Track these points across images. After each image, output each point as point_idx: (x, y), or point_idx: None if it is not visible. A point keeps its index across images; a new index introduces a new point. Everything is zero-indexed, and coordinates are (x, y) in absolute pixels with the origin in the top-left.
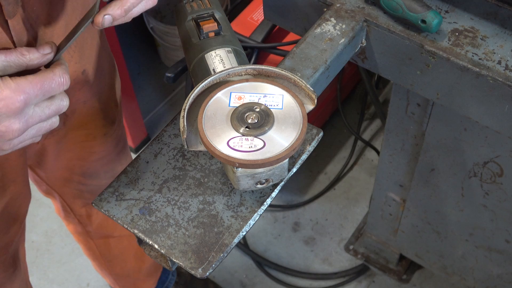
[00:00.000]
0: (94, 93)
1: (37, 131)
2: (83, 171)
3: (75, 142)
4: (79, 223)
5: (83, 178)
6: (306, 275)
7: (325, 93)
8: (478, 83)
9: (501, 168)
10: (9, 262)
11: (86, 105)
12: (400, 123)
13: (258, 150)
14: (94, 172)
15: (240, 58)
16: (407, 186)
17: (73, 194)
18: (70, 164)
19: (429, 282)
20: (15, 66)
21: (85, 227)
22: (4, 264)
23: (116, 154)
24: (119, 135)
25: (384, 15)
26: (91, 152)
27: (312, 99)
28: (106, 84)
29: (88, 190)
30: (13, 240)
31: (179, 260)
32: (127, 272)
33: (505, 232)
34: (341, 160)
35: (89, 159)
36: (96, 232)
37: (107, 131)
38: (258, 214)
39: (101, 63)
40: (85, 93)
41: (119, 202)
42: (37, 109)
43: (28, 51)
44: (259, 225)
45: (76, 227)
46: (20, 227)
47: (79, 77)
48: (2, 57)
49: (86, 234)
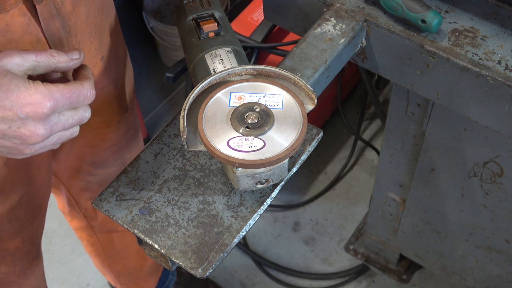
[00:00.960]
0: (111, 80)
1: (58, 138)
2: (93, 160)
3: (89, 129)
4: (84, 218)
5: (92, 168)
6: (306, 275)
7: (325, 93)
8: (478, 83)
9: (501, 168)
10: (34, 253)
11: (103, 92)
12: (400, 123)
13: (258, 150)
14: (104, 160)
15: (240, 58)
16: (407, 186)
17: (80, 187)
18: (81, 152)
19: (429, 282)
20: (44, 66)
21: (89, 222)
22: (30, 256)
23: (125, 141)
24: (131, 123)
25: (384, 15)
26: (104, 140)
27: (312, 99)
28: (121, 71)
29: (96, 181)
30: (38, 230)
31: (179, 260)
32: (128, 270)
33: (505, 232)
34: (341, 160)
35: (100, 146)
36: (100, 227)
37: (120, 118)
38: (258, 214)
39: (117, 50)
40: (102, 79)
41: (119, 202)
42: (61, 117)
43: (58, 53)
44: (259, 225)
45: (80, 222)
46: (43, 218)
47: (98, 63)
48: (33, 56)
49: (90, 229)
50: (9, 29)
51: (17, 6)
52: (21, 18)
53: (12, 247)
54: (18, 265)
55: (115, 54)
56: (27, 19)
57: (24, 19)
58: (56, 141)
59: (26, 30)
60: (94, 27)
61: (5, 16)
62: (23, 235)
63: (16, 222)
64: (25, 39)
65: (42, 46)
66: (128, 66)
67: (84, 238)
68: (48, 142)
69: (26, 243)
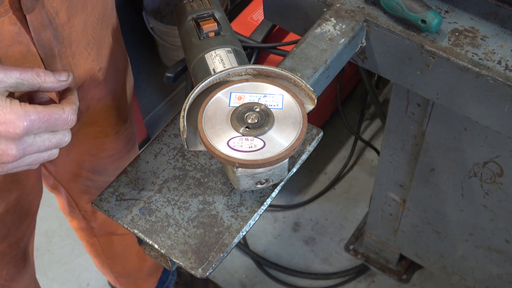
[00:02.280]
0: (109, 91)
1: (33, 160)
2: (93, 167)
3: (87, 138)
4: (83, 219)
5: (92, 174)
6: (306, 275)
7: (325, 93)
8: (478, 83)
9: (501, 168)
10: (20, 257)
11: (100, 103)
12: (400, 123)
13: (258, 150)
14: (103, 169)
15: (240, 58)
16: (407, 186)
17: (80, 190)
18: (80, 159)
19: (429, 282)
20: (28, 85)
21: (89, 223)
22: (16, 259)
23: (126, 152)
24: (130, 134)
25: (384, 15)
26: (102, 149)
27: (312, 99)
28: (120, 82)
29: (95, 186)
30: (24, 235)
31: (179, 260)
32: (128, 271)
33: (505, 232)
34: (341, 160)
35: (99, 155)
36: (100, 229)
37: (119, 129)
38: (258, 214)
39: (117, 62)
40: (100, 90)
41: (119, 202)
42: (37, 139)
43: (44, 73)
44: (259, 225)
45: (80, 223)
46: (31, 222)
47: (96, 74)
48: (17, 74)
49: (90, 230)
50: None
51: (7, 14)
52: (11, 27)
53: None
54: (5, 270)
55: (115, 65)
56: (17, 28)
57: (14, 28)
58: (32, 162)
59: (15, 39)
60: (92, 38)
61: None
62: (9, 240)
63: (2, 228)
64: (14, 49)
65: (32, 56)
66: (128, 77)
67: (84, 238)
68: (22, 162)
69: (13, 247)
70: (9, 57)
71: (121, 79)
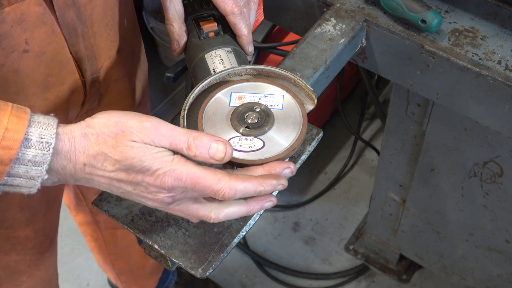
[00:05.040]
0: (126, 73)
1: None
2: None
3: None
4: (89, 212)
5: None
6: (306, 275)
7: (325, 93)
8: (478, 83)
9: (501, 168)
10: (45, 245)
11: (118, 84)
12: (400, 123)
13: (258, 150)
14: None
15: (240, 58)
16: (407, 186)
17: None
18: None
19: (429, 282)
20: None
21: (95, 216)
22: (41, 247)
23: None
24: None
25: (384, 15)
26: None
27: (312, 99)
28: (136, 65)
29: None
30: (52, 223)
31: (179, 260)
32: (130, 268)
33: (505, 232)
34: (341, 160)
35: None
36: (105, 222)
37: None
38: (258, 214)
39: (133, 44)
40: (118, 71)
41: (119, 202)
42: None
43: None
44: (259, 225)
45: (86, 217)
46: (58, 210)
47: (114, 56)
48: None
49: (95, 224)
50: (24, 18)
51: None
52: (36, 8)
53: (23, 235)
54: (29, 255)
55: (131, 47)
56: (42, 8)
57: (39, 8)
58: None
59: (41, 19)
60: (111, 18)
61: (21, 5)
62: (34, 225)
63: (27, 211)
64: (40, 30)
65: (57, 37)
66: (142, 60)
67: (88, 233)
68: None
69: (38, 234)
70: (35, 38)
71: (136, 62)
